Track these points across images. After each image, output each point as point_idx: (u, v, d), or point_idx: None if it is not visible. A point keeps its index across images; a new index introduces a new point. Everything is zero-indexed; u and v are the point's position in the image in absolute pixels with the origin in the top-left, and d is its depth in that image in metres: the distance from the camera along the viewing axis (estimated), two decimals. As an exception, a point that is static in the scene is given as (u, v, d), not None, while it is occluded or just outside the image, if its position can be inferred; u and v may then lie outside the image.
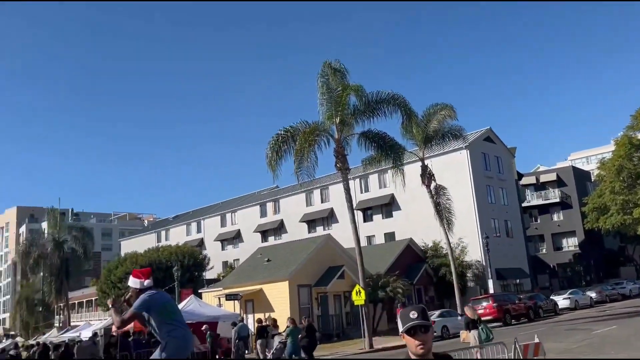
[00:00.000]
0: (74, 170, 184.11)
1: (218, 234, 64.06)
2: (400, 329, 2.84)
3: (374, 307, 32.95)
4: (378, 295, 33.15)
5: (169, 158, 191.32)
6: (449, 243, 33.17)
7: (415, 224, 45.45)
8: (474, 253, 42.98)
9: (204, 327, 21.91)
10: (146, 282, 6.12)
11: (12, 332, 75.44)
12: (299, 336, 19.25)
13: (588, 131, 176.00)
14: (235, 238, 62.41)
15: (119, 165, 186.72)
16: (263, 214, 60.39)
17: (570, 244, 58.12)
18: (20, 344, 33.61)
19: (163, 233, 71.71)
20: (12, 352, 23.33)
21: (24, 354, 26.35)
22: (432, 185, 32.89)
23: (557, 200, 57.93)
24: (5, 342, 50.73)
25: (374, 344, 24.74)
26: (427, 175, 32.72)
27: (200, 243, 64.12)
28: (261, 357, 20.36)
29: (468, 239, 42.13)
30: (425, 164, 33.13)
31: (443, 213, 32.66)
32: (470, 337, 13.56)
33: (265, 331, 20.96)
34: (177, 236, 67.01)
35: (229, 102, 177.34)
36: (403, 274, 37.07)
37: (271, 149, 26.32)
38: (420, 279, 40.52)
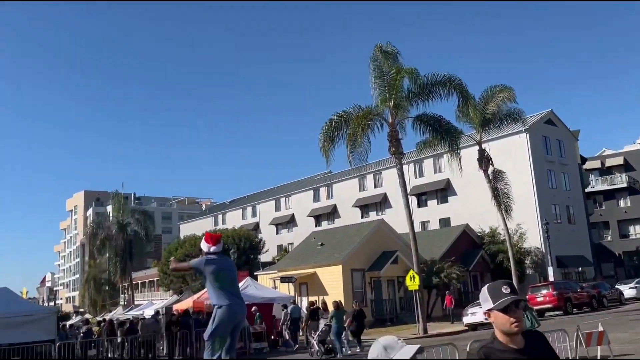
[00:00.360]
0: (136, 156, 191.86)
1: (273, 218, 65.16)
2: (489, 305, 2.59)
3: (428, 292, 32.69)
4: (432, 281, 32.87)
5: (226, 144, 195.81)
6: (507, 229, 32.31)
7: (472, 209, 44.54)
8: (533, 240, 41.74)
9: (253, 308, 22.35)
10: (212, 248, 6.55)
11: (82, 310, 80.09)
12: (348, 320, 19.57)
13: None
14: (289, 222, 63.30)
15: (179, 151, 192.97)
16: (316, 198, 60.85)
17: (638, 231, 55.34)
18: (89, 320, 35.60)
19: (220, 217, 73.64)
20: (84, 329, 24.74)
21: (95, 329, 27.99)
22: (490, 169, 32.07)
23: (624, 185, 55.19)
24: (75, 319, 53.89)
25: (428, 330, 24.57)
26: (484, 160, 31.90)
27: (256, 227, 65.45)
28: (310, 339, 20.76)
29: (527, 225, 40.94)
30: (483, 147, 32.30)
31: (501, 198, 31.80)
32: None
33: (317, 314, 21.32)
34: (234, 220, 68.64)
35: (283, 90, 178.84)
36: (458, 260, 36.54)
37: (324, 135, 26.32)
38: (477, 265, 39.79)
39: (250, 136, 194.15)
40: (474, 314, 25.78)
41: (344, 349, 18.54)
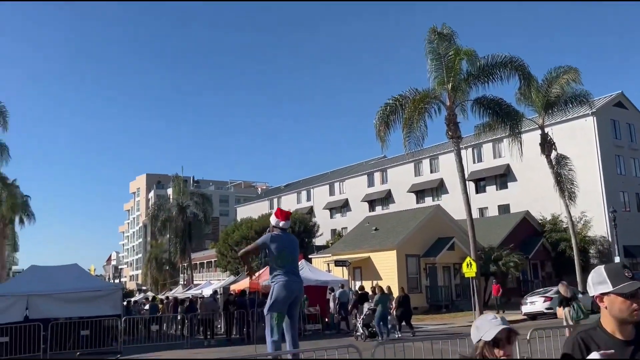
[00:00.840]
0: (195, 141, 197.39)
1: (327, 202, 65.47)
2: (607, 288, 2.34)
3: (485, 280, 32.01)
4: (489, 269, 32.14)
5: (281, 129, 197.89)
6: (570, 216, 31.03)
7: (532, 196, 43.08)
8: (599, 228, 39.93)
9: None
10: (281, 223, 6.80)
11: (144, 287, 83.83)
12: (394, 306, 19.55)
13: None
14: (343, 207, 63.42)
15: (236, 136, 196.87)
16: (370, 183, 60.58)
17: None
18: (155, 297, 37.35)
19: (275, 200, 74.69)
20: (147, 307, 25.97)
21: (160, 307, 29.47)
22: (553, 154, 30.80)
23: (702, 171, 51.60)
24: (139, 296, 56.48)
25: (485, 318, 24.08)
26: (547, 144, 30.66)
27: (310, 211, 65.98)
28: (355, 322, 20.90)
29: (592, 213, 39.21)
30: (545, 131, 31.04)
31: (564, 184, 30.52)
32: (563, 314, 13.15)
33: (365, 298, 21.37)
34: (289, 204, 69.45)
35: (337, 75, 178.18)
36: (517, 248, 35.52)
37: (379, 119, 26.00)
38: (537, 253, 38.52)
39: (305, 121, 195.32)
40: (534, 303, 25.07)
41: (396, 333, 18.52)
